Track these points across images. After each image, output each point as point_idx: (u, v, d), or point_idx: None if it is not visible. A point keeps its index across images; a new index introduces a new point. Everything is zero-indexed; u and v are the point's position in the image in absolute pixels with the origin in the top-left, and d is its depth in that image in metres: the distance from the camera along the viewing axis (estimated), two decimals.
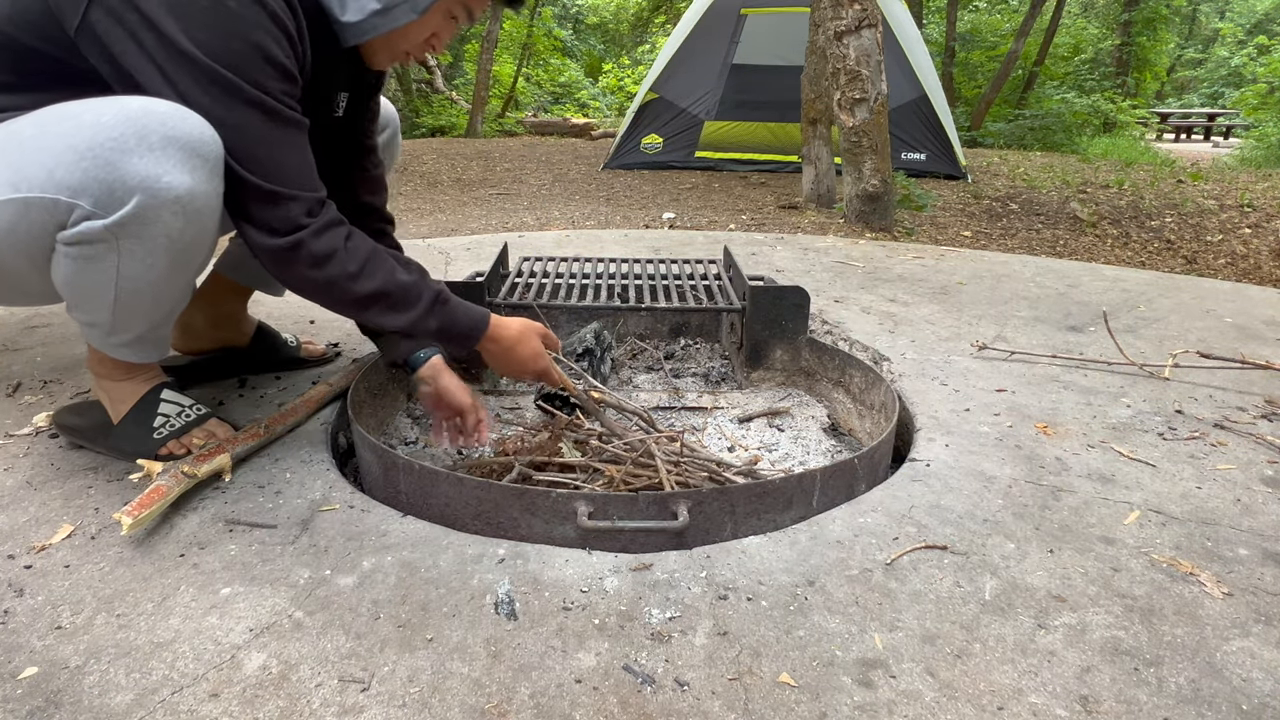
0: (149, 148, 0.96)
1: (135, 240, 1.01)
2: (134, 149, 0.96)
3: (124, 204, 0.97)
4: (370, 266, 1.15)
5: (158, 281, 1.08)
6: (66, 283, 1.06)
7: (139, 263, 1.04)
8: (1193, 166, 8.46)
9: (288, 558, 1.03)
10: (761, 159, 7.00)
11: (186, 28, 0.97)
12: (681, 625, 0.92)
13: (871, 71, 4.07)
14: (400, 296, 1.18)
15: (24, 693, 0.80)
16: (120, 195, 0.97)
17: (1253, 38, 22.45)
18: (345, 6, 1.12)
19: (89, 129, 0.96)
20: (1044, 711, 0.81)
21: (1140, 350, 1.94)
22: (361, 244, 1.16)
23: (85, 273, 1.04)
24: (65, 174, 0.96)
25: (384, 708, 0.79)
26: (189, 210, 1.01)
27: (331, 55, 1.17)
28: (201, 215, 1.04)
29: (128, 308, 1.10)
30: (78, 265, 1.03)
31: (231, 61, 1.00)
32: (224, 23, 0.99)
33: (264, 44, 1.02)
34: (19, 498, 1.16)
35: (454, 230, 4.24)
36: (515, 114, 14.12)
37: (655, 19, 20.79)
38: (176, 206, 1.00)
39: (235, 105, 1.02)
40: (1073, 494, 1.25)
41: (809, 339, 1.76)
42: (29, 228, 0.99)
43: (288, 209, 1.08)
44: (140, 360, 1.23)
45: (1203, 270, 4.06)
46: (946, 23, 14.15)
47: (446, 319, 1.23)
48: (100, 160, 0.96)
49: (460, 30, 1.24)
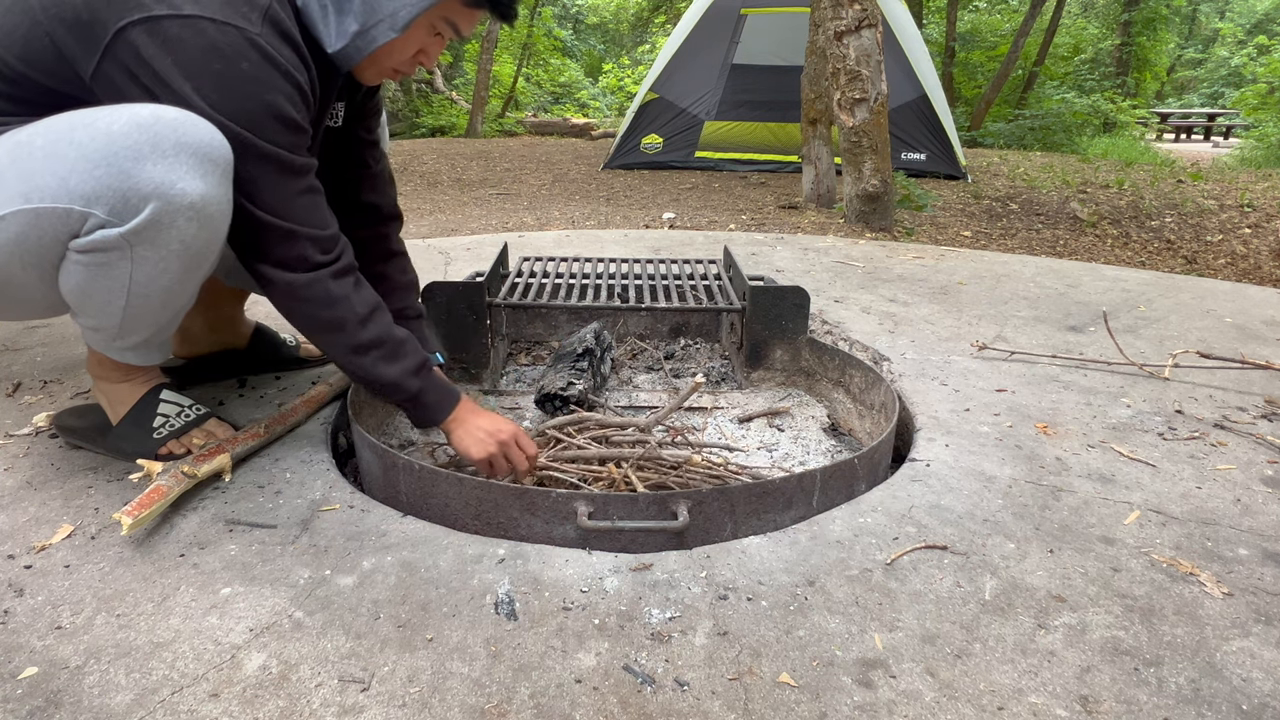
0: (162, 154, 0.97)
1: (150, 247, 1.02)
2: (148, 156, 0.97)
3: (139, 211, 0.98)
4: (376, 315, 1.20)
5: (169, 286, 1.08)
6: (77, 290, 1.06)
7: (152, 268, 1.04)
8: (1193, 166, 8.46)
9: (288, 558, 1.03)
10: (761, 159, 7.00)
11: (200, 88, 1.00)
12: (681, 625, 0.92)
13: (871, 71, 4.07)
14: (395, 348, 1.21)
15: (24, 693, 0.80)
16: (135, 203, 0.98)
17: (1253, 38, 22.45)
18: (331, 36, 1.12)
19: (102, 137, 0.96)
20: (1044, 711, 0.81)
21: (1140, 350, 1.94)
22: (369, 292, 1.21)
23: (97, 280, 1.04)
24: (79, 183, 0.96)
25: (384, 708, 0.79)
26: (203, 216, 1.02)
27: (327, 76, 1.17)
28: (214, 220, 1.05)
29: (137, 313, 1.10)
30: (90, 273, 1.03)
31: (245, 121, 1.03)
32: (238, 85, 1.02)
33: (277, 103, 1.05)
34: (19, 498, 1.16)
35: (454, 230, 4.24)
36: (515, 114, 14.12)
37: (655, 19, 20.78)
38: (191, 212, 1.01)
39: (249, 160, 1.05)
40: (1073, 494, 1.25)
41: (809, 339, 1.76)
42: (39, 237, 0.99)
43: (304, 247, 1.12)
44: (143, 363, 1.23)
45: (1203, 270, 4.06)
46: (946, 23, 14.15)
47: (429, 382, 1.24)
48: (114, 169, 0.96)
49: (450, 42, 1.24)
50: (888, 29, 5.56)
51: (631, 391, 1.78)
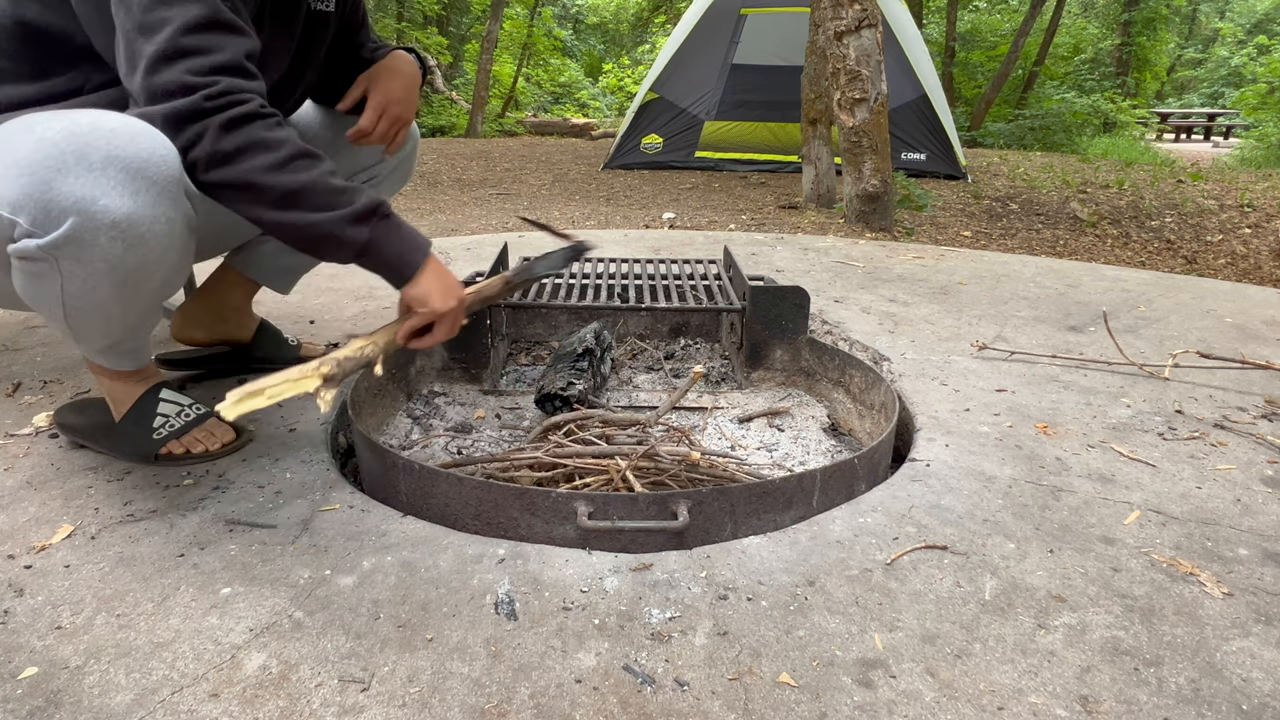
0: (87, 168, 0.92)
1: (74, 262, 0.96)
2: (71, 168, 0.92)
3: (59, 225, 0.93)
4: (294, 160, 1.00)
5: (105, 303, 1.03)
6: (21, 293, 1.04)
7: (80, 284, 0.99)
8: (1193, 166, 8.46)
9: (288, 558, 1.03)
10: (761, 159, 7.00)
11: None
12: (681, 625, 0.92)
13: (871, 71, 4.07)
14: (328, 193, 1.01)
15: (24, 693, 0.80)
16: (55, 216, 0.92)
17: (1253, 38, 22.46)
18: None
19: (34, 144, 0.92)
20: (1044, 711, 0.81)
21: (1140, 350, 1.94)
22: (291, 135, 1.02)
23: (33, 287, 1.01)
24: (7, 188, 0.92)
25: (384, 708, 0.79)
26: (129, 236, 0.96)
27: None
28: (145, 241, 0.98)
29: (80, 325, 1.07)
30: (26, 279, 1.00)
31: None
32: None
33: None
34: (19, 498, 1.16)
35: (454, 230, 4.24)
36: (515, 114, 14.13)
37: (655, 19, 20.79)
38: (114, 231, 0.95)
39: None
40: (1073, 494, 1.25)
41: (809, 339, 1.76)
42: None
43: (199, 61, 0.96)
44: (117, 368, 1.22)
45: (1203, 270, 4.06)
46: (946, 23, 14.16)
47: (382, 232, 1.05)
48: (37, 178, 0.91)
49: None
50: (888, 29, 5.56)
51: (631, 391, 1.78)
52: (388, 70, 1.41)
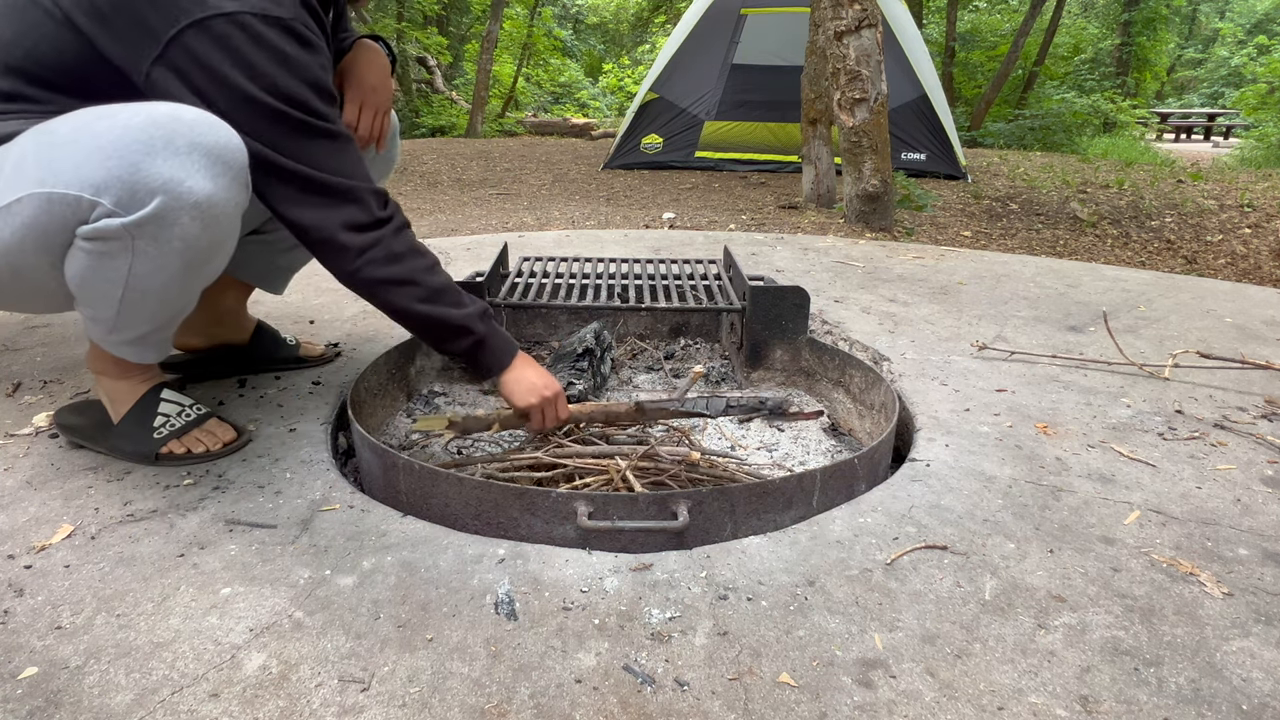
0: (174, 151, 0.99)
1: (151, 241, 1.03)
2: (159, 151, 0.99)
3: (145, 204, 0.99)
4: (437, 265, 1.25)
5: (168, 284, 1.09)
6: (78, 277, 1.07)
7: (151, 263, 1.05)
8: (1193, 166, 8.46)
9: (288, 558, 1.03)
10: (761, 159, 7.00)
11: (252, 77, 1.05)
12: (681, 625, 0.92)
13: (871, 71, 4.07)
14: (460, 295, 1.26)
15: (24, 693, 0.80)
16: (142, 196, 0.99)
17: (1253, 38, 22.47)
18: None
19: (118, 129, 0.99)
20: (1044, 711, 0.81)
21: (1140, 350, 1.94)
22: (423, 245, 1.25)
23: (97, 269, 1.05)
24: (91, 171, 0.98)
25: (384, 708, 0.79)
26: (208, 216, 1.04)
27: None
28: (219, 222, 1.06)
29: (134, 307, 1.11)
30: (91, 260, 1.04)
31: (299, 104, 1.09)
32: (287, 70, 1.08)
33: (321, 80, 1.12)
34: (19, 498, 1.16)
35: (454, 230, 4.24)
36: (515, 114, 14.13)
37: (655, 19, 20.79)
38: (196, 211, 1.02)
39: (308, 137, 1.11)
40: (1073, 494, 1.25)
41: (809, 339, 1.76)
42: (50, 222, 1.01)
43: (369, 202, 1.17)
44: (139, 360, 1.24)
45: (1203, 270, 4.06)
46: (946, 23, 14.16)
47: (493, 327, 1.30)
48: (125, 160, 0.98)
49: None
50: (888, 29, 5.56)
51: (631, 391, 1.78)
52: (359, 62, 1.43)
